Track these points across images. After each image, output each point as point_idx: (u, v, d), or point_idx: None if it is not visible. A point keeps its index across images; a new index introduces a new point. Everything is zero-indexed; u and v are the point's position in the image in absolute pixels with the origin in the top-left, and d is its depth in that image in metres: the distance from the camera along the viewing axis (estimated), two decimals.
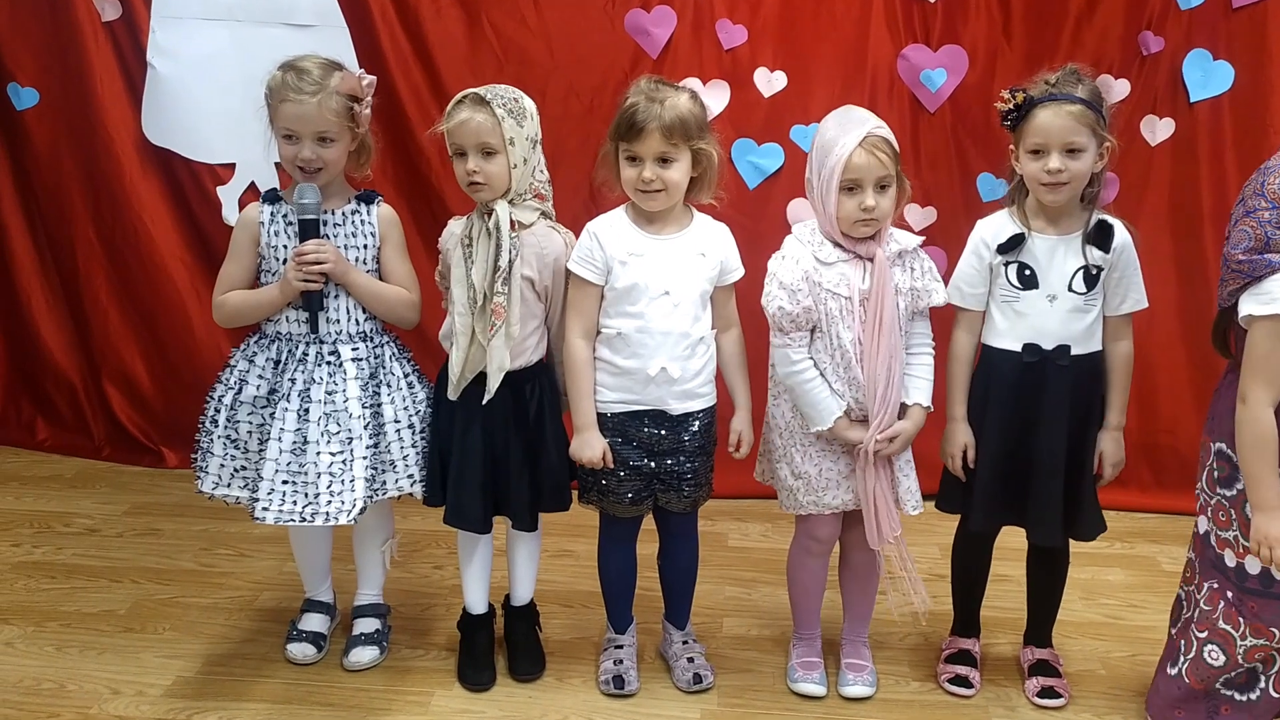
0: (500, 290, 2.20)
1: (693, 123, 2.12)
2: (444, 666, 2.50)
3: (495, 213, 2.19)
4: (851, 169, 2.10)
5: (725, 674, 2.47)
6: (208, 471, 2.38)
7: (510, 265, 2.19)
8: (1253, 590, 2.04)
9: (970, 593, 2.51)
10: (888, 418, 2.20)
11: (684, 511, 2.38)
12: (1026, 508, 2.29)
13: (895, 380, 2.19)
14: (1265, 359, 1.92)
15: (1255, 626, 2.05)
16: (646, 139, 2.10)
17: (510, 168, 2.19)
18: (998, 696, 2.42)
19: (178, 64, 3.34)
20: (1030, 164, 2.14)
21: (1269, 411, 1.93)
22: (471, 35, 3.32)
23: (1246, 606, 2.06)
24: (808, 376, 2.22)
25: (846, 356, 2.19)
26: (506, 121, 2.16)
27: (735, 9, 3.25)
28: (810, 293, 2.18)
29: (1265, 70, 3.15)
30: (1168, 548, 3.15)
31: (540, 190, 2.29)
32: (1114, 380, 2.26)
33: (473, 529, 2.37)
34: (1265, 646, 2.05)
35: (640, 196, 2.17)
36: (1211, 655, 2.11)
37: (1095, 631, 2.70)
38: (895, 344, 2.18)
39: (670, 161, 2.13)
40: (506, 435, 2.30)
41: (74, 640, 2.58)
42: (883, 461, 2.24)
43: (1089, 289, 2.19)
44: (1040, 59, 3.19)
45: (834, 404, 2.21)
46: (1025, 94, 2.13)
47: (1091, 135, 2.09)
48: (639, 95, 2.13)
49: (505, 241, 2.18)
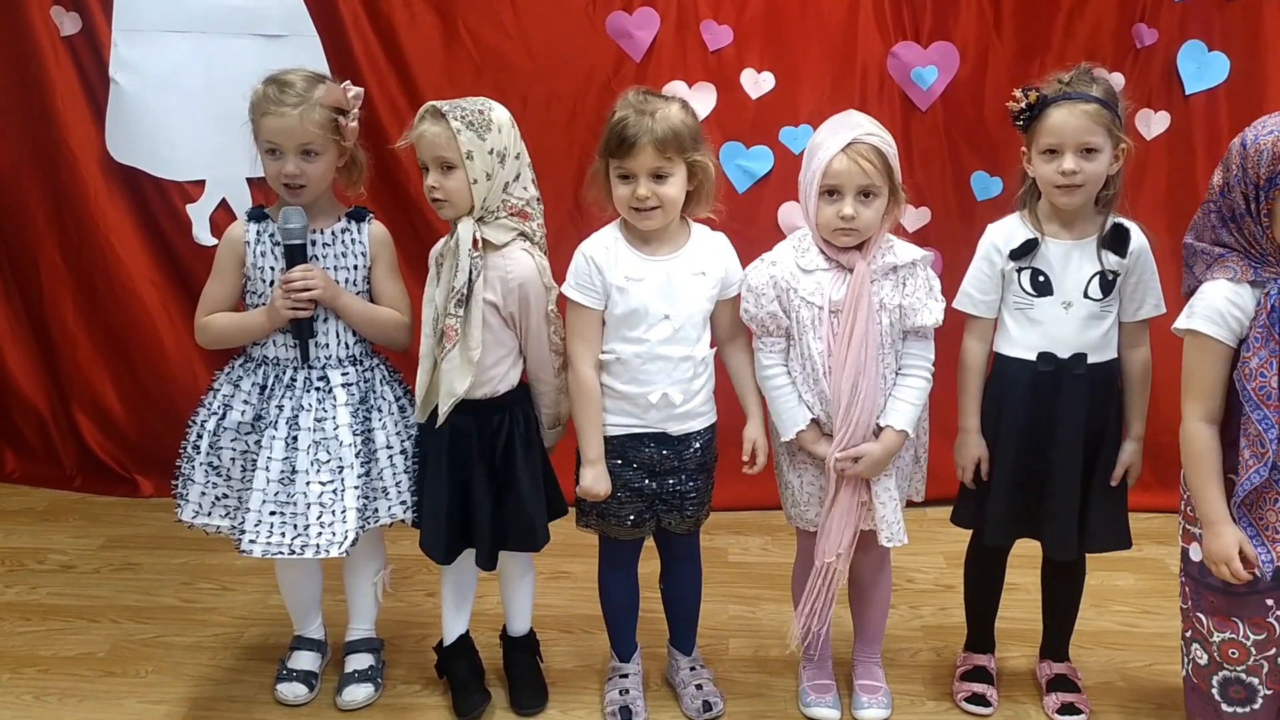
0: (453, 312, 2.10)
1: (686, 134, 2.03)
2: (443, 702, 2.41)
3: (457, 232, 2.10)
4: (831, 174, 2.02)
5: (734, 699, 2.39)
6: (188, 500, 2.28)
7: (469, 287, 2.09)
8: (1211, 585, 1.99)
9: (985, 607, 2.44)
10: (852, 436, 2.09)
11: (686, 532, 2.30)
12: (1042, 521, 2.22)
13: (863, 398, 2.08)
14: (1190, 373, 1.92)
15: (1218, 620, 2.00)
16: (639, 154, 2.00)
17: (470, 183, 2.08)
18: (1016, 714, 2.35)
19: (142, 79, 3.22)
20: (1044, 166, 2.06)
21: (1201, 426, 1.91)
22: (448, 42, 3.22)
23: (1205, 601, 2.01)
24: (777, 383, 2.15)
25: (816, 368, 2.11)
26: (464, 134, 2.06)
27: (720, 9, 3.17)
28: (778, 298, 2.10)
29: (1261, 60, 3.11)
30: (1174, 549, 3.07)
31: (522, 208, 2.17)
32: (1133, 389, 2.20)
33: (435, 559, 2.28)
34: (1236, 642, 1.99)
35: (635, 216, 2.07)
36: (1198, 655, 2.06)
37: (1110, 641, 2.64)
38: (867, 360, 2.06)
39: (665, 177, 2.03)
40: (471, 467, 2.20)
41: (53, 687, 2.47)
42: (851, 484, 2.13)
43: (1105, 295, 2.12)
44: (1032, 53, 3.16)
45: (799, 414, 2.13)
46: (1038, 93, 2.05)
47: (1107, 135, 2.02)
48: (627, 108, 2.04)
49: (463, 261, 2.08)
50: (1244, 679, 2.01)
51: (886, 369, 2.11)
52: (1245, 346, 1.86)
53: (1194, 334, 1.90)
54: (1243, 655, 2.00)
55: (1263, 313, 1.83)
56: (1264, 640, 1.97)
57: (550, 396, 2.25)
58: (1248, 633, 1.98)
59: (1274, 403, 1.85)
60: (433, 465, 2.23)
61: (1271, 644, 1.97)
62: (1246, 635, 1.99)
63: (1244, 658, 2.00)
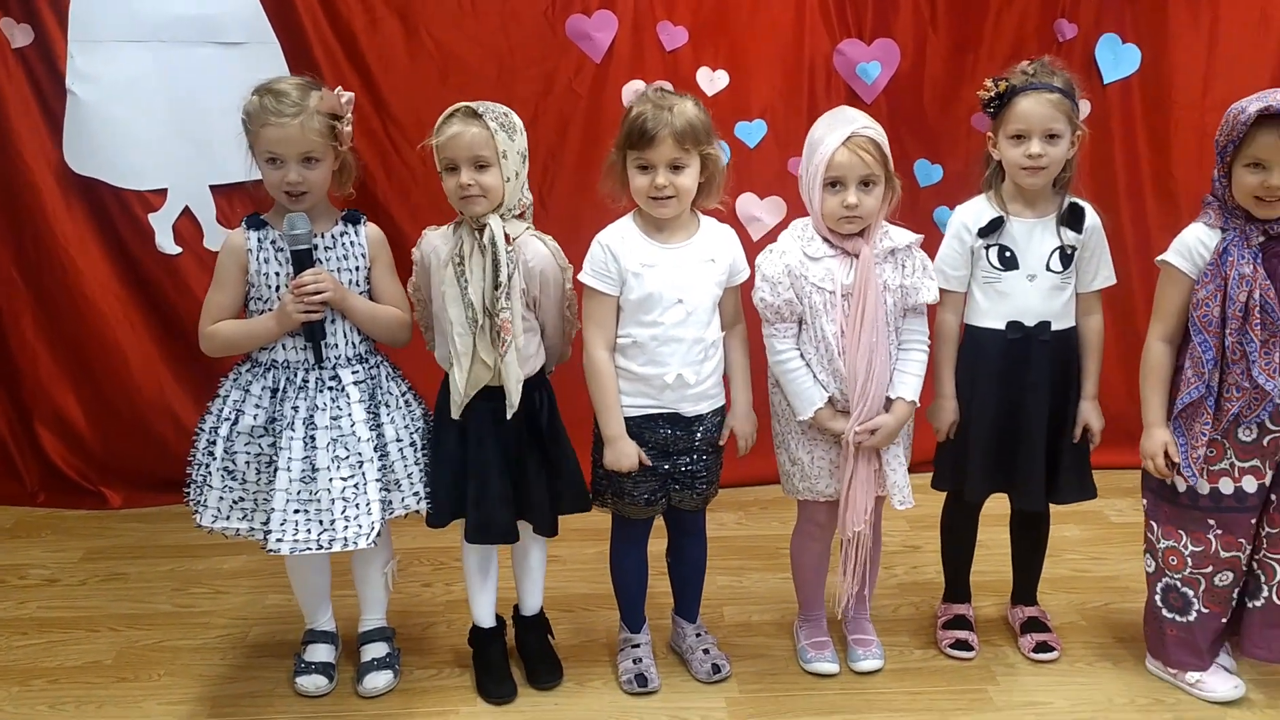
0: (505, 306, 2.20)
1: (701, 128, 2.17)
2: (460, 683, 2.50)
3: (489, 227, 2.19)
4: (834, 166, 2.19)
5: (739, 660, 2.54)
6: (206, 505, 2.33)
7: (510, 279, 2.20)
8: (1164, 498, 2.31)
9: (962, 560, 2.64)
10: (868, 410, 2.28)
11: (696, 509, 2.44)
12: (1014, 476, 2.43)
13: (877, 374, 2.26)
14: (1158, 298, 2.27)
15: (1166, 529, 2.31)
16: (659, 146, 2.13)
17: (504, 181, 2.19)
18: (996, 656, 2.56)
19: (100, 89, 3.21)
20: (1011, 149, 2.26)
21: (1159, 344, 2.26)
22: (410, 47, 3.29)
23: (1160, 511, 2.33)
24: (792, 366, 2.30)
25: (830, 349, 2.28)
26: (499, 135, 2.17)
27: (674, 10, 3.31)
28: (792, 285, 2.26)
29: (1167, 50, 3.40)
30: (1112, 500, 3.35)
31: (525, 207, 2.30)
32: (1088, 352, 2.42)
33: (502, 541, 2.39)
34: (1176, 550, 2.30)
35: (652, 204, 2.20)
36: (1148, 564, 2.38)
37: (1067, 586, 2.88)
38: (878, 339, 2.25)
39: (681, 168, 2.17)
40: (521, 444, 2.31)
41: (67, 695, 2.48)
42: (867, 454, 2.32)
43: (1065, 268, 2.33)
44: (965, 48, 3.39)
45: (816, 394, 2.30)
46: (1007, 82, 2.24)
47: (1068, 122, 2.23)
48: (646, 104, 2.16)
49: (503, 256, 2.18)
50: (1180, 588, 2.32)
51: (892, 345, 2.29)
52: (1198, 279, 2.16)
53: (1165, 264, 2.21)
54: (1180, 564, 2.31)
55: (1217, 254, 2.13)
56: (1200, 554, 2.28)
57: (556, 347, 2.41)
58: (1188, 544, 2.29)
59: (1214, 329, 2.15)
60: (479, 453, 2.30)
61: (1207, 560, 2.28)
62: (1186, 546, 2.29)
63: (1181, 566, 2.31)
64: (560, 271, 2.29)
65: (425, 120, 2.26)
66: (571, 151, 3.38)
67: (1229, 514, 2.25)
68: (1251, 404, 2.17)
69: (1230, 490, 2.23)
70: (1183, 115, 3.44)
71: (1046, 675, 2.49)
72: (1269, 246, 2.14)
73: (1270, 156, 2.05)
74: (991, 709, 2.36)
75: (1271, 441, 2.21)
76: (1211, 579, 2.29)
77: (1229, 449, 2.22)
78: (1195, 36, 3.40)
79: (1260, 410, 2.17)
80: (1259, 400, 2.16)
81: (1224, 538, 2.26)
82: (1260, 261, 2.12)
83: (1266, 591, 2.30)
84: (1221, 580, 2.30)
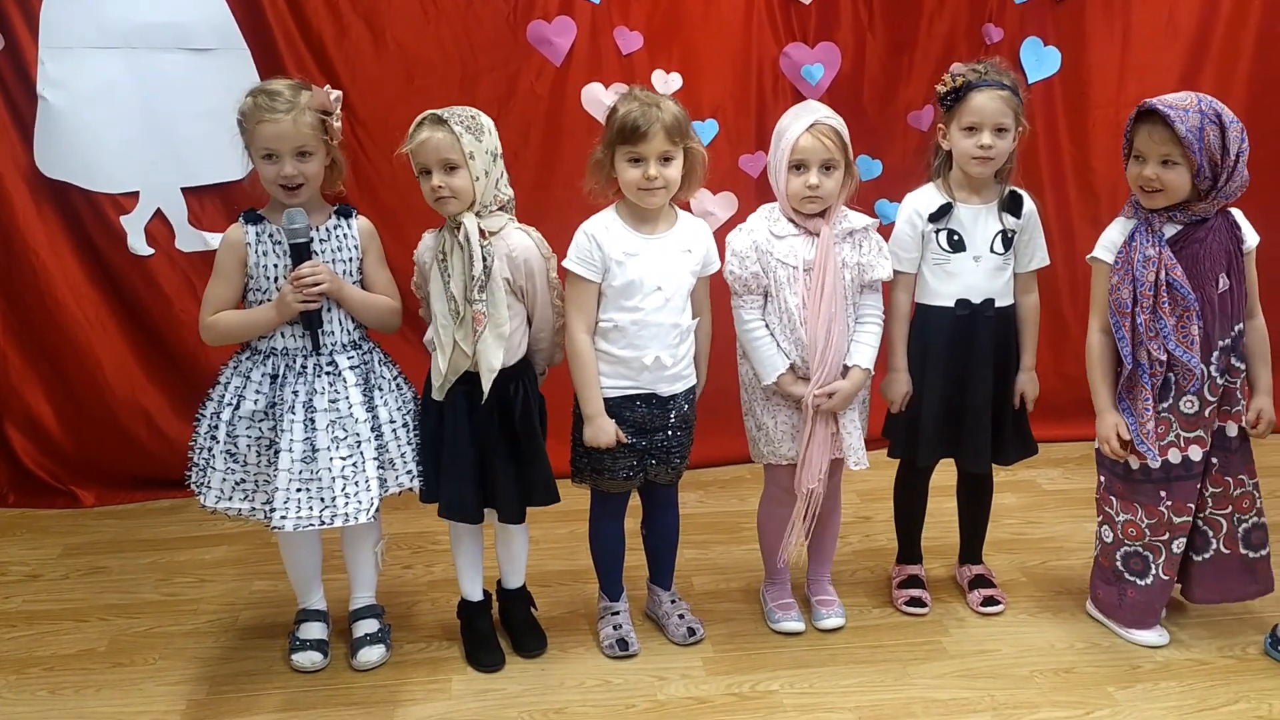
0: (478, 299, 2.33)
1: (685, 123, 2.35)
2: (450, 655, 2.63)
3: (464, 226, 2.33)
4: (799, 150, 2.38)
5: (711, 624, 2.71)
6: (210, 487, 2.43)
7: (487, 272, 2.34)
8: (1117, 474, 2.52)
9: (913, 523, 2.85)
10: (826, 375, 2.47)
11: (669, 483, 2.61)
12: (961, 441, 2.64)
13: (835, 342, 2.46)
14: (1094, 292, 2.48)
15: (1123, 504, 2.53)
16: (652, 139, 2.30)
17: (473, 180, 2.33)
18: (948, 611, 2.77)
19: (72, 95, 3.27)
20: (963, 140, 2.47)
21: (1099, 335, 2.47)
22: (377, 52, 3.40)
23: (1115, 486, 2.54)
24: (757, 335, 2.49)
25: (793, 319, 2.46)
26: (465, 137, 2.30)
27: (630, 16, 3.47)
28: (759, 260, 2.45)
29: (1085, 53, 3.67)
30: (1044, 470, 3.61)
31: (503, 202, 2.42)
32: (1026, 328, 2.64)
33: (466, 520, 2.50)
34: (1133, 523, 2.51)
35: (641, 195, 2.35)
36: (1105, 535, 2.60)
37: (1008, 547, 3.11)
38: (836, 310, 2.45)
39: (669, 160, 2.34)
40: (492, 431, 2.44)
41: (66, 681, 2.55)
42: (824, 417, 2.51)
43: (1006, 249, 2.55)
44: (901, 50, 3.62)
45: (779, 361, 2.48)
46: (964, 79, 2.45)
47: (1014, 118, 2.45)
48: (634, 103, 2.32)
49: (477, 251, 2.32)
50: (1142, 553, 2.53)
51: (849, 318, 2.49)
52: (1112, 266, 2.40)
53: (1094, 260, 2.45)
54: (1139, 534, 2.52)
55: (1125, 242, 2.38)
56: (1155, 524, 2.49)
57: (546, 349, 2.52)
58: (1143, 516, 2.50)
59: (1125, 310, 2.39)
60: (453, 434, 2.43)
61: (1163, 528, 2.49)
62: (1142, 519, 2.50)
63: (1140, 536, 2.51)
64: (544, 260, 2.43)
65: (392, 123, 2.38)
66: (533, 150, 3.52)
67: (1177, 482, 2.46)
68: (1184, 377, 2.38)
69: (1179, 460, 2.45)
70: (1100, 113, 3.71)
71: (994, 626, 2.70)
72: (1185, 235, 2.36)
73: (1145, 149, 2.31)
74: (946, 658, 2.57)
75: (1211, 412, 2.44)
76: (1169, 545, 2.50)
77: (1174, 422, 2.43)
78: (1110, 40, 3.67)
79: (1192, 384, 2.38)
80: (1189, 375, 2.37)
81: (1174, 505, 2.46)
82: (1164, 244, 2.34)
83: (1215, 544, 2.53)
84: (1177, 548, 2.51)
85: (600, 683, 2.50)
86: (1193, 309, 2.34)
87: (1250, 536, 2.54)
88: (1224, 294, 2.38)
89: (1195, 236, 2.37)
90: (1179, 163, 2.28)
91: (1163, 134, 2.27)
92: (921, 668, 2.53)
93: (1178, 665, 2.50)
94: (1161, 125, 2.27)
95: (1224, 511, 2.52)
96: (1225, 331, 2.40)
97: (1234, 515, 2.52)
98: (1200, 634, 2.61)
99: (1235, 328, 2.42)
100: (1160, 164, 2.30)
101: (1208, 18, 3.67)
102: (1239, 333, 2.43)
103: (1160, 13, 3.67)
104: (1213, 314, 2.37)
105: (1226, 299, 2.39)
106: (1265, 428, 2.47)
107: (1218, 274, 2.37)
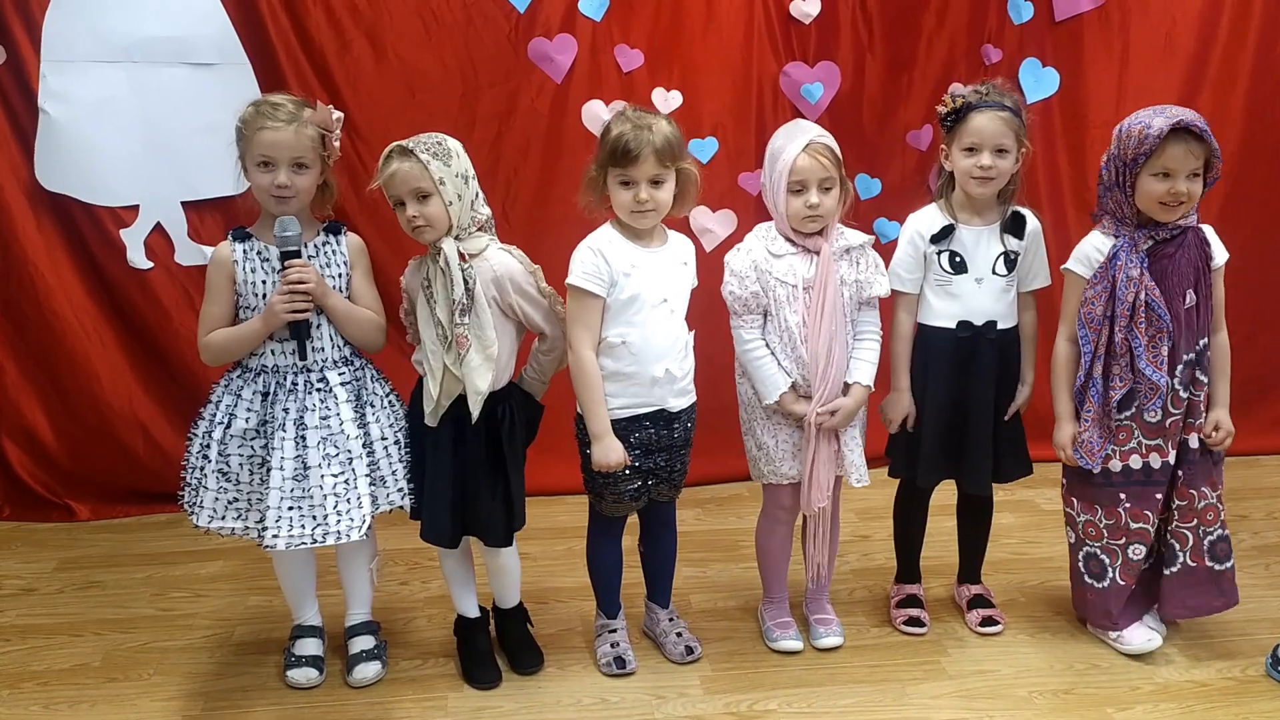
0: (459, 322, 2.32)
1: (676, 145, 2.35)
2: (446, 672, 2.62)
3: (443, 251, 2.32)
4: (797, 171, 2.39)
5: (709, 643, 2.70)
6: (202, 506, 2.42)
7: (470, 295, 2.33)
8: (1080, 478, 2.58)
9: (913, 544, 2.84)
10: (828, 393, 2.47)
11: (670, 500, 2.61)
12: (962, 463, 2.64)
13: (836, 360, 2.47)
14: (1064, 302, 2.54)
15: (1084, 505, 2.59)
16: (642, 164, 2.30)
17: (446, 205, 2.32)
18: (946, 631, 2.76)
19: (73, 108, 3.28)
20: (964, 160, 2.47)
21: (1065, 344, 2.54)
22: (378, 68, 3.41)
23: (1076, 489, 2.60)
24: (757, 354, 2.49)
25: (793, 337, 2.46)
26: (433, 164, 2.29)
27: (631, 34, 3.49)
28: (758, 280, 2.45)
29: (1083, 74, 3.69)
30: (1042, 490, 3.59)
31: (481, 223, 2.41)
32: (1024, 344, 2.65)
33: (442, 545, 2.49)
34: (1093, 523, 2.57)
35: (633, 216, 2.36)
36: (1069, 536, 2.66)
37: (1007, 567, 3.10)
38: (837, 328, 2.46)
39: (660, 183, 2.34)
40: (477, 455, 2.42)
41: (59, 696, 2.54)
42: (827, 435, 2.51)
43: (1009, 271, 2.56)
44: (900, 71, 3.63)
45: (780, 380, 2.48)
46: (964, 99, 2.46)
47: (1015, 139, 2.45)
48: (626, 124, 2.32)
49: (457, 275, 2.31)
50: (1099, 555, 2.59)
51: (848, 334, 2.49)
52: (1089, 280, 2.43)
53: (1068, 271, 2.50)
54: (1098, 534, 2.58)
55: (1108, 258, 2.40)
56: (1114, 526, 2.56)
57: (554, 359, 2.50)
58: (1102, 517, 2.57)
59: (1095, 325, 2.44)
60: (435, 456, 2.43)
61: (1120, 531, 2.55)
62: (1101, 519, 2.57)
63: (1099, 537, 2.58)
64: (529, 273, 2.41)
65: (393, 139, 2.36)
66: (533, 167, 3.53)
67: (1136, 487, 2.52)
68: (1148, 393, 2.42)
69: (1139, 466, 2.50)
70: (1098, 133, 3.71)
71: (992, 646, 2.69)
72: (1156, 250, 2.41)
73: (1177, 166, 2.32)
74: (945, 678, 2.56)
75: (1173, 423, 2.48)
76: (1125, 550, 2.55)
77: (1136, 430, 2.48)
78: (1108, 61, 3.69)
79: (1155, 399, 2.42)
80: (1154, 390, 2.42)
81: (1132, 510, 2.52)
82: (1146, 266, 2.38)
83: (1182, 557, 2.56)
84: (1135, 554, 2.55)
85: (597, 701, 2.49)
86: (1166, 330, 2.39)
87: (1215, 549, 2.57)
88: (1190, 310, 2.44)
89: (1165, 252, 2.42)
90: (1199, 174, 2.35)
91: (1198, 148, 2.32)
92: (920, 687, 2.52)
93: (1177, 686, 2.49)
94: (1196, 140, 2.31)
95: (1189, 525, 2.55)
96: (1190, 346, 2.45)
97: (1199, 528, 2.55)
98: (1200, 655, 2.61)
99: (1200, 343, 2.47)
100: (1188, 178, 2.33)
101: (1205, 39, 3.69)
102: (1203, 347, 2.48)
103: (1158, 34, 3.68)
104: (1179, 329, 2.42)
105: (1193, 314, 2.45)
106: (1223, 439, 2.51)
107: (1185, 290, 2.42)
